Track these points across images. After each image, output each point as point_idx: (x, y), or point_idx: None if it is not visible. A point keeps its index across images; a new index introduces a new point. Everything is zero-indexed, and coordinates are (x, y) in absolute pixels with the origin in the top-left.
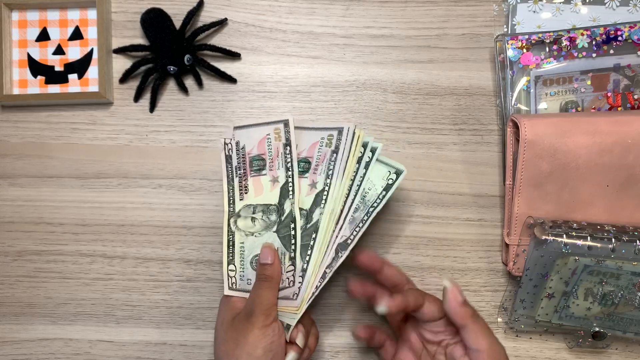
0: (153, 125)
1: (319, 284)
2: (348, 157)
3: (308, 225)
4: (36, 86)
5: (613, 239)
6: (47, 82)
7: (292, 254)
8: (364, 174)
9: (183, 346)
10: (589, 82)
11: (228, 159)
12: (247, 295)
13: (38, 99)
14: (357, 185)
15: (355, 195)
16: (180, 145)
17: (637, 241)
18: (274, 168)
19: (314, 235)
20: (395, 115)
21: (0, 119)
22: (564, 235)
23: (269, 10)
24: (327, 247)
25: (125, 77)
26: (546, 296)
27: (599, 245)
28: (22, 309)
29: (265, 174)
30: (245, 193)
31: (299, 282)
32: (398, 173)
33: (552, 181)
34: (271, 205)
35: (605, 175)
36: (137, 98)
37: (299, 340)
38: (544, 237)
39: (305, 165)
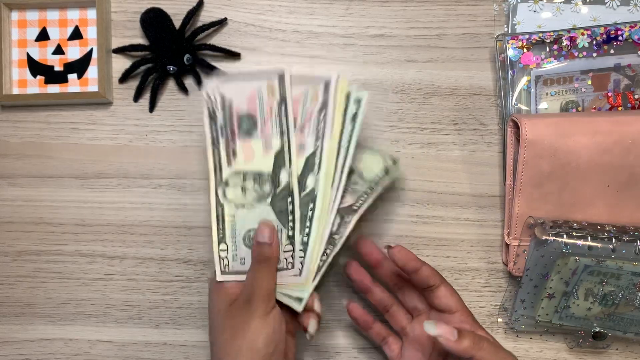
0: (153, 125)
1: (329, 251)
2: (335, 113)
3: (303, 194)
4: (36, 86)
5: (613, 239)
6: (47, 82)
7: (291, 232)
8: (353, 129)
9: (183, 346)
10: (589, 82)
11: (212, 115)
12: (241, 277)
13: (38, 99)
14: (347, 142)
15: (346, 154)
16: (180, 145)
17: (638, 241)
18: (267, 131)
19: (311, 205)
20: (395, 115)
21: (0, 119)
22: (565, 236)
23: (269, 10)
24: (329, 213)
25: (125, 77)
26: (546, 296)
27: (599, 245)
28: (22, 309)
29: (257, 137)
30: (234, 158)
31: (300, 258)
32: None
33: (553, 181)
34: (264, 173)
35: (605, 175)
36: (136, 98)
37: (317, 307)
38: (544, 237)
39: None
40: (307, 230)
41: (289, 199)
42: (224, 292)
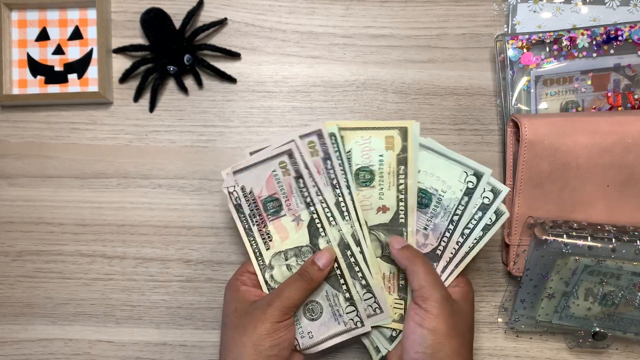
0: (153, 125)
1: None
2: (341, 160)
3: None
4: (36, 86)
5: (613, 239)
6: (47, 82)
7: (347, 294)
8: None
9: (183, 346)
10: (589, 82)
11: (238, 208)
12: (311, 350)
13: (38, 99)
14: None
15: (404, 195)
16: (180, 145)
17: (638, 241)
18: (293, 207)
19: (348, 252)
20: (396, 115)
21: (0, 119)
22: (564, 236)
23: (269, 10)
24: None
25: (125, 77)
26: (546, 296)
27: (599, 245)
28: (22, 309)
29: (284, 215)
30: (270, 241)
31: (368, 299)
32: (478, 175)
33: (553, 181)
34: (302, 246)
35: (605, 175)
36: (136, 98)
37: None
38: (544, 237)
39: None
40: (359, 273)
41: (335, 264)
42: (242, 296)
